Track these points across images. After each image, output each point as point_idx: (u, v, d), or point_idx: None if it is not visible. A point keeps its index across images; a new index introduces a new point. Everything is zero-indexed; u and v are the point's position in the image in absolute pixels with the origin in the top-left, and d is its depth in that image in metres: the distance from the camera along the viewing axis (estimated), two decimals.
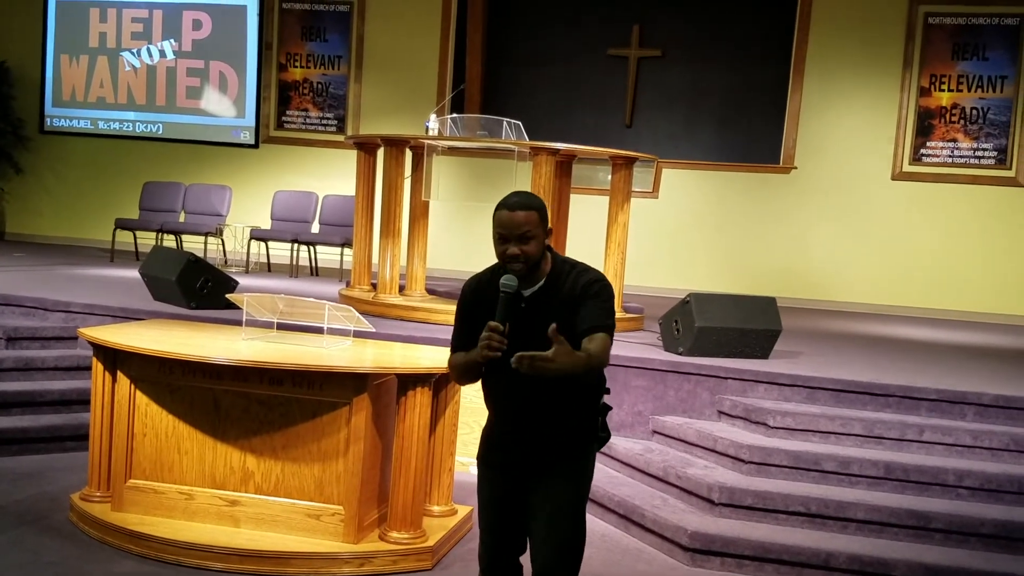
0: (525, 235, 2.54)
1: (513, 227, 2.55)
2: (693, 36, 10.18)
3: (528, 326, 2.54)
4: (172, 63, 10.75)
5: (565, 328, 2.48)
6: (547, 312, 2.54)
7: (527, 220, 2.54)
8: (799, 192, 9.35)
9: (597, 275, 2.64)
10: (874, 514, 4.07)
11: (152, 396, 3.98)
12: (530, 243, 2.54)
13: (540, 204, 2.61)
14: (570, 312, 2.56)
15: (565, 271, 2.63)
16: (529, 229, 2.54)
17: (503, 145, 5.95)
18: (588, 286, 2.59)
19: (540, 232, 2.56)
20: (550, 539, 2.64)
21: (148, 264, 6.25)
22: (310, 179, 10.09)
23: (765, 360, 5.26)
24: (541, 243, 2.57)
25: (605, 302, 2.60)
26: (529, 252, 2.55)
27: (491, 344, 2.48)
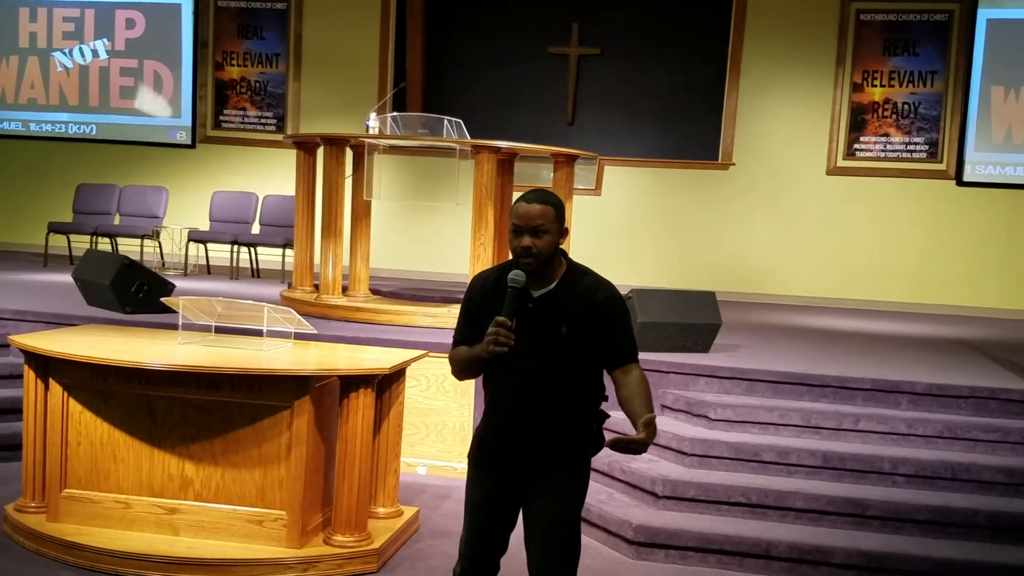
0: (539, 228, 2.54)
1: (528, 219, 2.54)
2: (631, 34, 10.27)
3: (537, 327, 2.57)
4: (105, 63, 10.51)
5: (575, 333, 2.55)
6: (558, 315, 2.57)
7: (543, 214, 2.54)
8: (737, 188, 9.49)
9: (616, 290, 2.65)
10: (812, 503, 4.16)
11: (86, 404, 3.89)
12: (543, 237, 2.54)
13: (558, 202, 2.61)
14: (583, 319, 2.57)
15: (579, 276, 2.63)
16: (543, 223, 2.54)
17: (444, 144, 5.93)
18: (611, 303, 2.60)
19: (554, 229, 2.55)
20: (549, 544, 2.63)
21: (81, 268, 6.11)
22: (249, 179, 9.95)
23: (706, 354, 5.33)
24: (554, 241, 2.57)
25: (630, 324, 2.65)
26: (541, 247, 2.54)
27: (498, 339, 2.49)
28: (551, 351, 2.57)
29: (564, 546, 2.65)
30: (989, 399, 4.69)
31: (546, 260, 2.57)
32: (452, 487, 4.98)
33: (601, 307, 2.58)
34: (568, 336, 2.56)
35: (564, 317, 2.57)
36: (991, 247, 9.05)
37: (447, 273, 9.02)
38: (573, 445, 2.67)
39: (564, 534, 2.65)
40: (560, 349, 2.57)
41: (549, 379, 2.59)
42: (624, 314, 2.63)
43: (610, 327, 2.59)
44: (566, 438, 2.65)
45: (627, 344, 2.62)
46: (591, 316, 2.58)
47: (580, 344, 2.58)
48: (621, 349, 2.60)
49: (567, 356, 2.58)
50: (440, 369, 5.17)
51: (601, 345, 2.59)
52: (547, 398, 2.60)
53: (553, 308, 2.59)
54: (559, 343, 2.57)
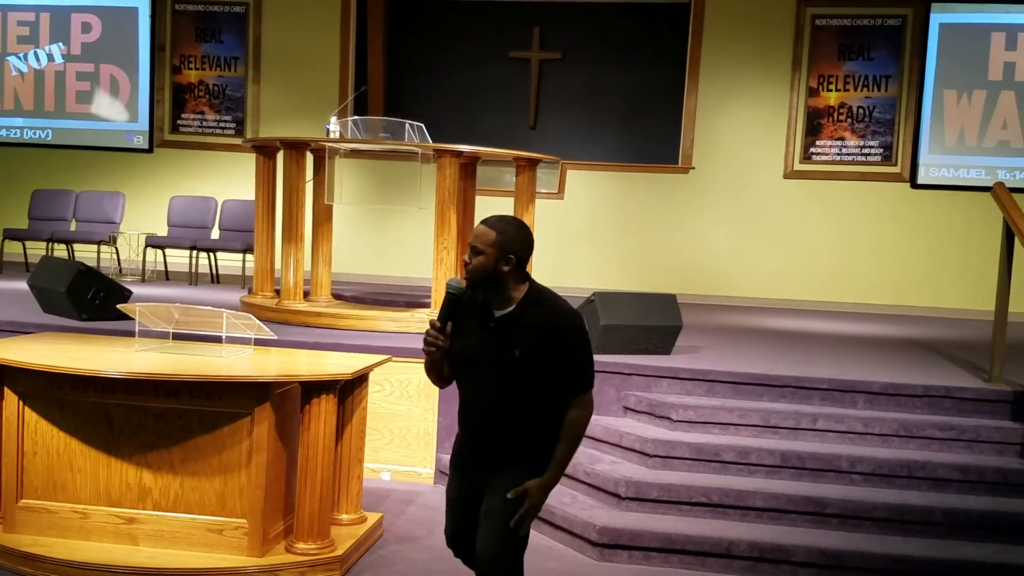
0: (475, 248, 2.70)
1: (472, 237, 2.73)
2: (591, 39, 10.34)
3: (495, 346, 2.72)
4: (61, 67, 10.34)
5: (527, 358, 2.67)
6: (513, 337, 2.70)
7: (482, 236, 2.69)
8: (697, 191, 9.58)
9: (576, 317, 2.75)
10: (772, 501, 4.21)
11: (42, 413, 3.82)
12: (477, 257, 2.69)
13: (506, 229, 2.71)
14: (536, 344, 2.67)
15: (540, 302, 2.73)
16: (479, 245, 2.69)
17: (406, 148, 5.92)
18: (568, 330, 2.70)
19: (491, 252, 2.67)
20: (483, 535, 2.77)
21: (37, 275, 6.01)
22: (208, 184, 9.85)
23: (668, 356, 5.37)
24: (488, 263, 2.68)
25: (588, 355, 2.74)
26: (474, 264, 2.69)
27: (426, 339, 2.73)
28: (505, 371, 2.71)
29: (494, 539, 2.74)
30: (944, 398, 4.77)
31: (480, 279, 2.70)
32: (416, 492, 4.97)
33: (558, 335, 2.68)
34: (520, 359, 2.68)
35: (518, 341, 2.69)
36: (945, 248, 9.23)
37: (410, 277, 8.99)
38: (527, 456, 2.76)
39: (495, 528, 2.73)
40: (513, 371, 2.70)
41: (503, 396, 2.73)
42: (579, 347, 2.72)
43: (563, 356, 2.69)
44: (520, 450, 2.76)
45: (575, 376, 2.72)
46: (546, 343, 2.67)
47: (532, 368, 2.69)
48: (567, 380, 2.72)
49: (519, 378, 2.70)
50: (404, 374, 5.15)
51: (553, 372, 2.70)
52: (501, 413, 2.74)
53: (510, 330, 2.71)
54: (512, 365, 2.70)
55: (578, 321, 2.76)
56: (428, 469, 5.18)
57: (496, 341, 2.72)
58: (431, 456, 5.18)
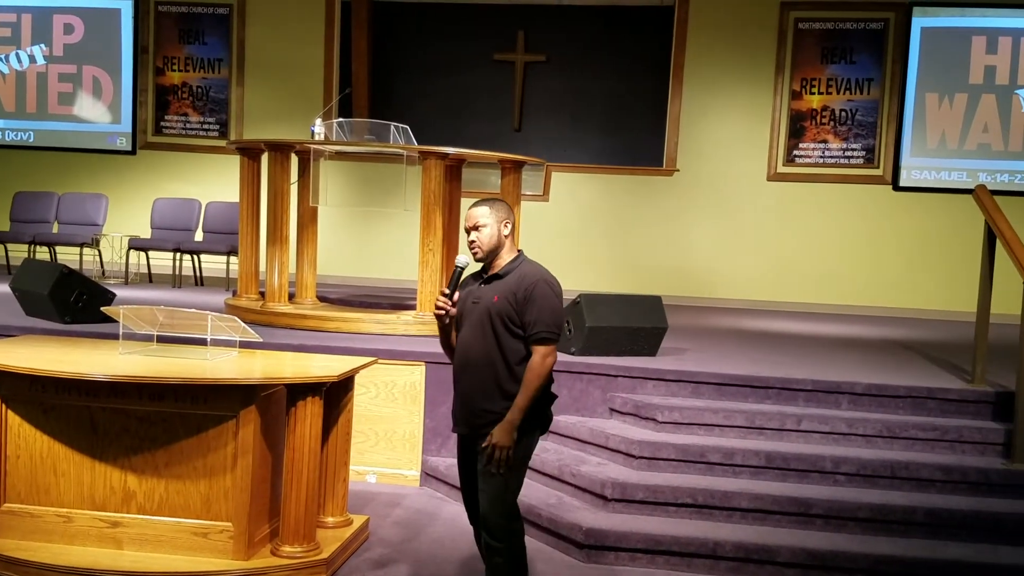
0: (477, 225, 3.11)
1: (470, 220, 3.13)
2: (576, 42, 10.37)
3: (481, 297, 3.12)
4: (43, 68, 10.27)
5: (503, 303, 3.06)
6: (495, 289, 3.10)
7: (480, 214, 3.12)
8: (682, 194, 9.61)
9: (549, 278, 3.11)
10: (757, 502, 4.22)
11: (25, 416, 3.80)
12: (482, 231, 3.11)
13: (494, 202, 3.16)
14: (512, 295, 3.06)
15: (524, 266, 3.14)
16: (480, 221, 3.11)
17: (392, 149, 5.92)
18: (537, 286, 3.06)
19: (491, 222, 3.11)
20: (482, 492, 3.11)
21: (19, 278, 5.97)
22: (192, 186, 9.80)
23: (653, 357, 5.39)
24: (494, 233, 3.12)
25: (551, 310, 3.06)
26: (481, 238, 3.11)
27: (436, 303, 3.16)
28: (487, 317, 3.08)
29: (490, 496, 3.09)
30: (927, 399, 4.81)
31: (491, 249, 3.14)
32: (402, 495, 4.96)
33: (528, 287, 3.06)
34: (497, 304, 3.07)
35: (498, 290, 3.10)
36: (927, 250, 9.30)
37: (395, 279, 8.98)
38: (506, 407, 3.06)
39: (489, 486, 3.08)
40: (492, 316, 3.07)
41: (485, 342, 3.08)
42: (545, 298, 3.06)
43: (529, 304, 3.05)
44: (499, 398, 3.07)
45: (538, 322, 3.04)
46: (519, 292, 3.06)
47: (506, 313, 3.06)
48: (530, 324, 3.05)
49: (497, 322, 3.07)
50: (390, 376, 5.15)
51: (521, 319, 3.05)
52: (483, 358, 3.08)
53: (495, 284, 3.13)
54: (491, 309, 3.08)
55: (550, 280, 3.10)
56: (414, 471, 5.17)
57: (482, 293, 3.13)
58: (417, 458, 5.17)
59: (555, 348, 3.07)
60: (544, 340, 3.04)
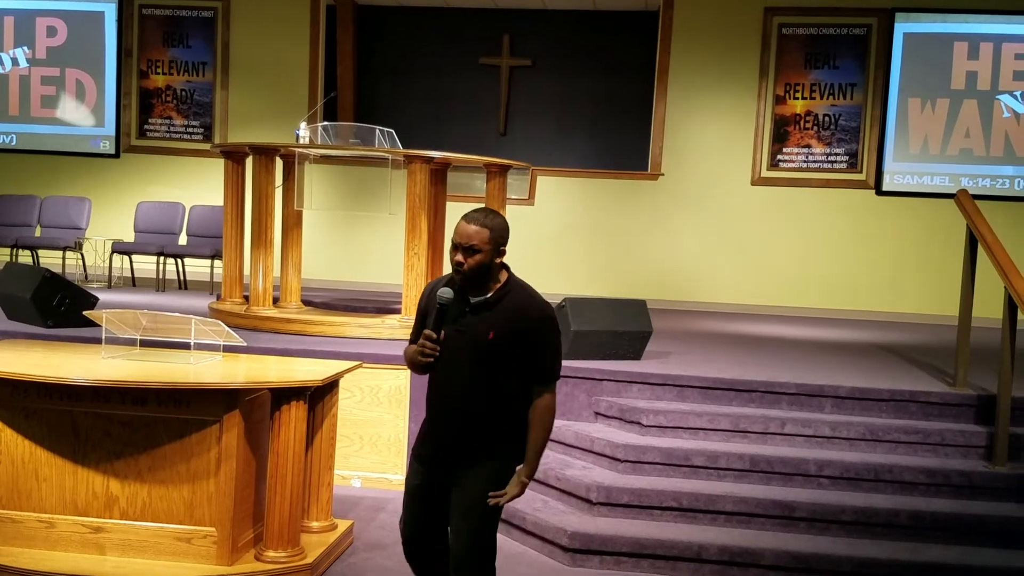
0: (472, 248, 2.74)
1: (464, 238, 2.75)
2: (561, 47, 10.39)
3: (470, 330, 2.78)
4: (26, 71, 10.21)
5: (500, 340, 2.74)
6: (488, 321, 2.77)
7: (477, 235, 2.74)
8: (667, 198, 9.64)
9: (551, 312, 2.83)
10: (742, 505, 4.24)
11: (6, 421, 3.76)
12: (474, 256, 2.74)
13: (497, 225, 2.79)
14: (511, 330, 2.76)
15: (516, 290, 2.82)
16: (476, 244, 2.74)
17: (377, 153, 5.91)
18: (544, 322, 2.80)
19: (488, 249, 2.75)
20: (460, 535, 2.82)
21: (1, 281, 5.91)
22: (176, 189, 9.76)
23: (638, 361, 5.40)
24: (485, 260, 2.75)
25: (557, 349, 2.85)
26: (471, 263, 2.74)
27: (423, 351, 2.78)
28: (478, 353, 2.77)
29: (473, 537, 2.81)
30: (909, 402, 4.84)
31: (478, 276, 2.76)
32: (387, 499, 4.95)
33: (532, 324, 2.77)
34: (494, 342, 2.76)
35: (493, 324, 2.76)
36: (910, 254, 9.36)
37: (381, 283, 8.96)
38: (497, 445, 2.82)
39: (473, 526, 2.81)
40: (485, 353, 2.77)
41: (475, 379, 2.78)
42: (551, 336, 2.83)
43: (536, 345, 2.78)
44: (490, 437, 2.81)
45: (546, 365, 2.82)
46: (520, 329, 2.76)
47: (504, 351, 2.76)
48: (539, 368, 2.81)
49: (491, 360, 2.77)
50: (374, 380, 5.14)
51: (525, 359, 2.78)
52: (472, 397, 2.79)
53: (485, 315, 2.78)
54: (485, 347, 2.76)
55: (552, 313, 2.84)
56: (399, 475, 5.16)
57: (470, 325, 2.78)
58: (402, 462, 5.16)
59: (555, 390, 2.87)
60: (551, 380, 2.83)
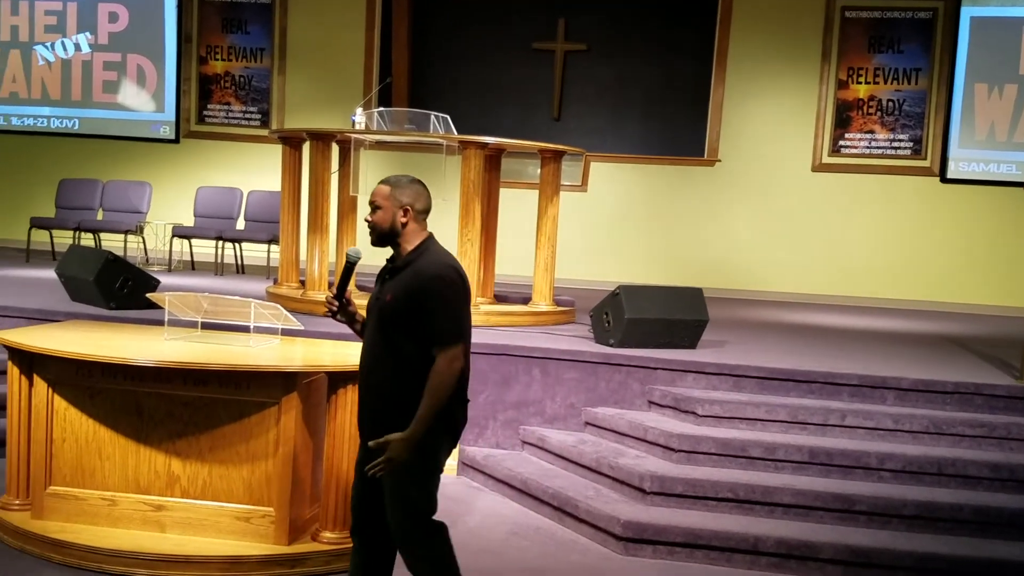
0: (373, 204, 2.89)
1: (371, 195, 2.91)
2: (617, 30, 10.28)
3: (379, 295, 2.88)
4: (88, 56, 10.41)
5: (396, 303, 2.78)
6: (391, 286, 2.84)
7: (379, 192, 2.89)
8: (723, 184, 9.52)
9: (442, 274, 2.78)
10: (800, 498, 4.17)
11: (71, 400, 3.85)
12: (376, 213, 2.88)
13: (400, 184, 2.89)
14: (405, 293, 2.78)
15: (427, 254, 2.85)
16: (378, 201, 2.88)
17: (432, 139, 5.91)
18: (430, 284, 2.76)
19: (388, 207, 2.85)
20: (388, 506, 2.84)
21: (65, 264, 6.06)
22: (234, 174, 9.89)
23: (693, 350, 5.34)
24: (389, 218, 2.85)
25: (447, 310, 2.76)
26: (374, 220, 2.87)
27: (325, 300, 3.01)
28: (380, 318, 2.84)
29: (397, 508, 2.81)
30: (974, 395, 4.72)
31: (380, 233, 2.88)
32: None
33: (423, 284, 2.77)
34: (390, 304, 2.80)
35: (394, 288, 2.82)
36: (974, 243, 9.12)
37: None
38: (408, 414, 2.74)
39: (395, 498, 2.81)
40: (385, 317, 2.81)
41: (379, 345, 2.83)
42: (439, 298, 2.76)
43: (426, 307, 2.76)
44: (400, 406, 2.76)
45: (435, 326, 2.75)
46: (412, 290, 2.77)
47: (399, 314, 2.78)
48: (429, 330, 2.76)
49: (389, 324, 2.80)
50: None
51: (419, 322, 2.76)
52: (377, 363, 2.82)
53: (392, 280, 2.86)
54: (385, 310, 2.82)
55: (445, 274, 2.79)
56: (451, 460, 5.17)
57: (381, 290, 2.88)
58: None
59: (462, 350, 2.77)
60: (446, 343, 2.73)
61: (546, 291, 6.20)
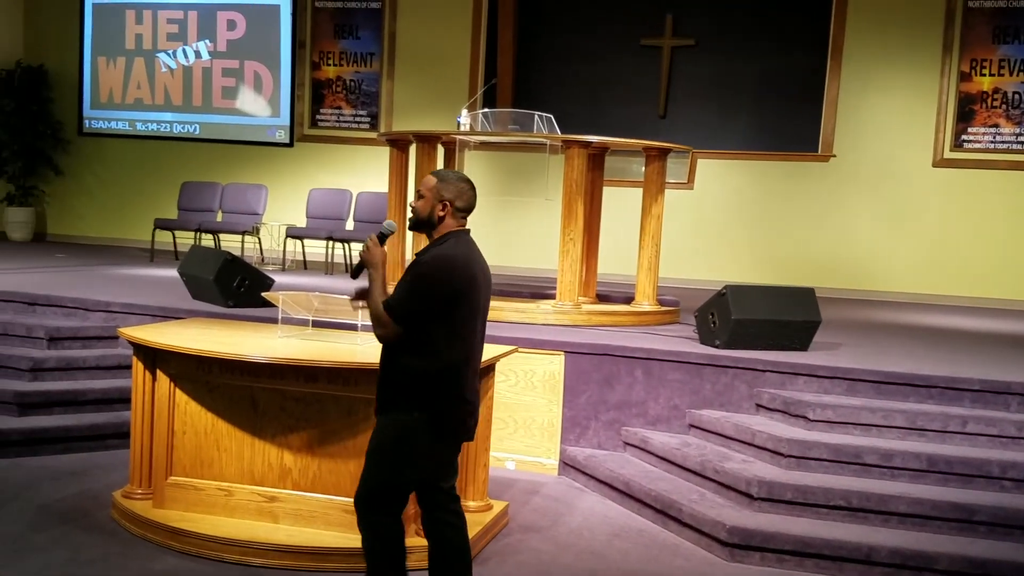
0: (418, 192, 3.08)
1: (418, 184, 3.11)
2: (726, 24, 10.07)
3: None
4: (208, 63, 10.85)
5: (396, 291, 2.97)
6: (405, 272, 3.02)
7: (425, 183, 3.07)
8: (838, 180, 9.22)
9: (428, 260, 2.95)
10: (916, 507, 4.01)
11: (191, 394, 4.02)
12: (419, 200, 3.06)
13: (446, 178, 3.06)
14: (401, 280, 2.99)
15: (435, 246, 3.02)
16: (422, 190, 3.06)
17: (535, 139, 5.93)
18: (414, 265, 2.99)
19: (430, 197, 3.02)
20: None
21: (186, 263, 6.32)
22: (344, 176, 10.14)
23: (804, 352, 5.19)
24: (429, 208, 3.02)
25: (409, 283, 2.94)
26: (416, 207, 3.06)
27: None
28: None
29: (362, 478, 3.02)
30: None
31: (418, 220, 3.06)
32: (541, 483, 4.98)
33: (409, 267, 2.98)
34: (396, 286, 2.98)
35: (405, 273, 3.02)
36: None
37: (536, 268, 9.02)
38: (388, 399, 2.98)
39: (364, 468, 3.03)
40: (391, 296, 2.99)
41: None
42: (409, 277, 2.94)
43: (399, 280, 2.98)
44: (385, 390, 2.99)
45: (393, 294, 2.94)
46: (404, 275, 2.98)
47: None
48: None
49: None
50: (529, 365, 5.17)
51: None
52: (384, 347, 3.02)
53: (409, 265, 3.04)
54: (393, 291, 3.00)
55: (428, 260, 2.94)
56: (552, 460, 5.18)
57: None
58: (555, 447, 5.18)
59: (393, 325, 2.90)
60: (389, 309, 2.90)
61: (649, 291, 6.13)
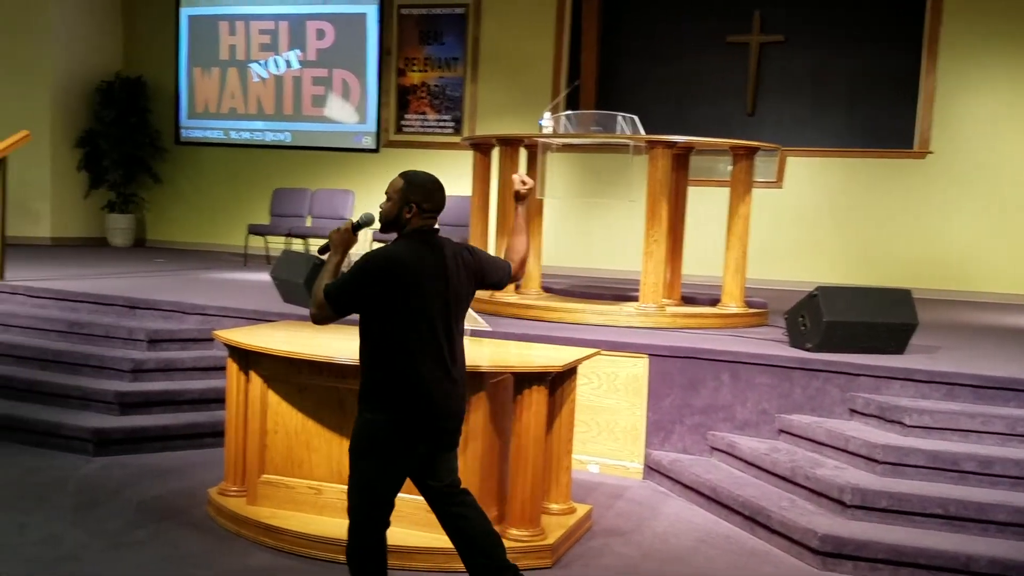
0: (387, 194, 3.11)
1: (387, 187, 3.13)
2: (816, 20, 9.82)
3: None
4: (298, 72, 11.12)
5: None
6: None
7: (391, 184, 3.11)
8: (935, 178, 8.90)
9: (372, 253, 3.02)
10: (1018, 516, 3.84)
11: (282, 395, 4.12)
12: (386, 203, 3.09)
13: (412, 177, 3.09)
14: None
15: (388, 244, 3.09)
16: (389, 192, 3.09)
17: (617, 140, 5.89)
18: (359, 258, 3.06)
19: (396, 198, 3.06)
20: None
21: (277, 268, 6.48)
22: None
23: (900, 355, 5.02)
24: (394, 209, 3.06)
25: (349, 273, 3.01)
26: (383, 209, 3.10)
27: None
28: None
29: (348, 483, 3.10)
30: None
31: (386, 220, 3.09)
32: (624, 486, 4.94)
33: None
34: None
35: None
36: None
37: (619, 270, 8.96)
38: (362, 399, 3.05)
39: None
40: None
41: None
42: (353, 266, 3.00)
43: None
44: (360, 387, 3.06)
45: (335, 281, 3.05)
46: None
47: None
48: None
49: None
50: (611, 368, 5.13)
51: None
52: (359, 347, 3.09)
53: None
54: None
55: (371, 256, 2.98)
56: (636, 464, 5.13)
57: None
58: (639, 451, 5.12)
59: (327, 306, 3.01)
60: (326, 289, 3.01)
61: (736, 292, 6.02)
